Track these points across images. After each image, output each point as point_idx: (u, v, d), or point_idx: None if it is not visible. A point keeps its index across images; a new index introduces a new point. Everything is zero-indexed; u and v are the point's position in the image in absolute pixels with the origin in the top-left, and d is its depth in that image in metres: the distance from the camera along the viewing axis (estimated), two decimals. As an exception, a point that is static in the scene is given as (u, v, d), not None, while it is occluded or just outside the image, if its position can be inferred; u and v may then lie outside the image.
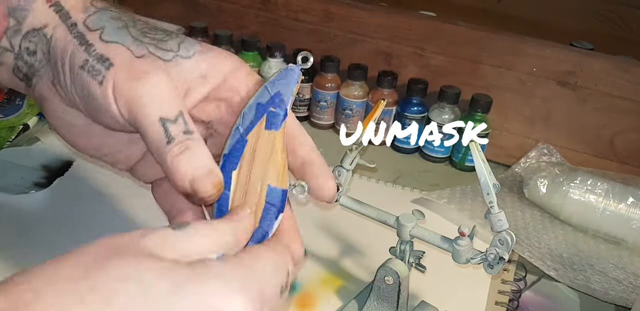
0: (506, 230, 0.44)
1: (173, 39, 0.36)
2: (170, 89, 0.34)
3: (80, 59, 0.34)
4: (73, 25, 0.35)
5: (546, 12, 1.03)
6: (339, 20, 0.84)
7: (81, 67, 0.34)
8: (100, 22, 0.36)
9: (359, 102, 0.83)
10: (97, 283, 0.24)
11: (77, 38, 0.35)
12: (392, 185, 0.75)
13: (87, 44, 0.35)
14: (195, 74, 0.36)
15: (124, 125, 0.35)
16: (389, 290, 0.50)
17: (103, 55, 0.34)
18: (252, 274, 0.28)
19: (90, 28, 0.35)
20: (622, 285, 0.61)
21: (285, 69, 0.36)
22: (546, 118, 0.78)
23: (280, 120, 0.35)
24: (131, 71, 0.33)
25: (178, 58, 0.35)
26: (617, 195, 0.68)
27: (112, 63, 0.34)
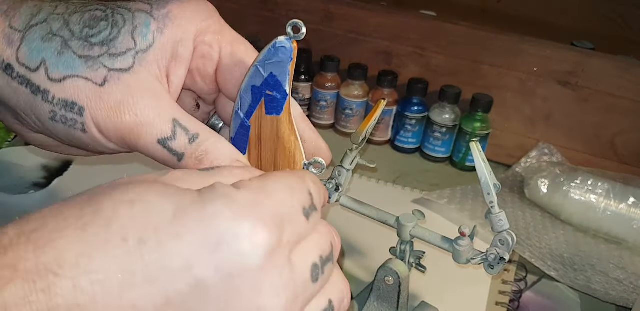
0: (507, 230, 0.44)
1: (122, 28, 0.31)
2: (152, 107, 0.31)
3: (44, 111, 0.31)
4: (8, 68, 0.31)
5: (547, 12, 1.02)
6: (339, 19, 0.84)
7: (52, 119, 0.31)
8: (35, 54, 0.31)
9: (359, 101, 0.82)
10: (101, 207, 0.23)
11: (23, 85, 0.31)
12: (392, 185, 0.75)
13: (40, 91, 0.31)
14: (165, 59, 0.32)
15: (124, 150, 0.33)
16: (389, 291, 0.50)
17: (67, 101, 0.31)
18: (264, 195, 0.25)
19: (31, 68, 0.31)
20: (623, 285, 0.61)
21: (274, 44, 0.31)
22: (547, 118, 0.78)
23: (280, 104, 0.32)
24: (105, 106, 0.30)
25: (140, 54, 0.31)
26: (618, 195, 0.68)
27: (82, 107, 0.30)
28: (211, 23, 0.34)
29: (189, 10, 0.33)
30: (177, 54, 0.33)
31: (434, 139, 0.80)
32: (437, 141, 0.80)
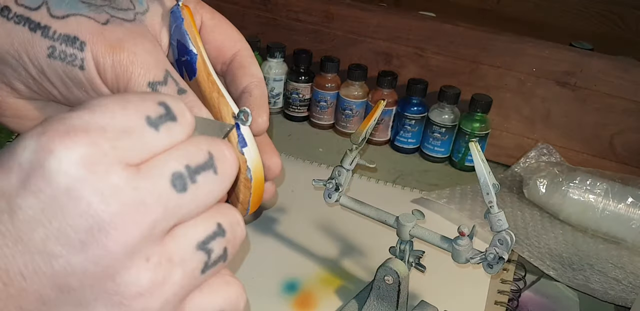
0: (506, 229, 0.44)
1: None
2: (150, 51, 0.31)
3: (42, 48, 0.30)
4: (4, 10, 0.31)
5: (546, 13, 1.03)
6: (339, 20, 0.85)
7: (49, 56, 0.31)
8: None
9: (359, 102, 0.83)
10: None
11: (21, 23, 0.30)
12: (392, 185, 0.75)
13: (40, 27, 0.30)
14: (158, 24, 0.33)
15: None
16: (389, 290, 0.50)
17: (69, 35, 0.30)
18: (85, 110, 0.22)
19: (30, 6, 0.31)
20: (622, 284, 0.61)
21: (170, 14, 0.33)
22: (546, 118, 0.78)
23: (192, 65, 0.33)
24: (106, 43, 0.31)
25: (139, 15, 0.33)
26: (617, 195, 0.68)
27: (83, 41, 0.30)
28: None
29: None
30: (165, 23, 0.34)
31: (433, 139, 0.80)
32: (437, 141, 0.80)
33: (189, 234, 0.23)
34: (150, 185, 0.21)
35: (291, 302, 0.55)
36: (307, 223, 0.66)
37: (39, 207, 0.20)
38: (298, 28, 0.88)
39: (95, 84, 0.31)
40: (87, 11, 0.31)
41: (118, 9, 0.32)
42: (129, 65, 0.31)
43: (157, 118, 0.22)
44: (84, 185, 0.20)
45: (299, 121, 0.88)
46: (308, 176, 0.59)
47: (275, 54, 0.84)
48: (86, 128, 0.21)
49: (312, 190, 0.65)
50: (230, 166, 0.24)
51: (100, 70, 0.31)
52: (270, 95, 0.87)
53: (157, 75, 0.31)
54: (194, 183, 0.22)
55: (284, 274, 0.58)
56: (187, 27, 0.33)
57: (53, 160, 0.20)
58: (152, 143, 0.22)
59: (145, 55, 0.31)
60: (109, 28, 0.31)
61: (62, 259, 0.20)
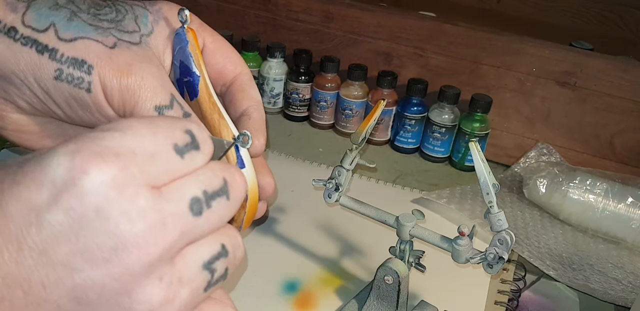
0: (505, 229, 0.44)
1: (125, 15, 0.33)
2: (156, 75, 0.32)
3: (49, 70, 0.31)
4: (11, 31, 0.31)
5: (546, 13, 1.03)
6: (339, 20, 0.85)
7: (56, 78, 0.31)
8: (44, 18, 0.31)
9: (359, 102, 0.83)
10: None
11: (28, 45, 0.31)
12: (392, 185, 0.75)
13: (48, 49, 0.31)
14: (161, 46, 0.34)
15: None
16: (389, 290, 0.50)
17: (77, 58, 0.31)
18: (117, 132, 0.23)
19: (37, 28, 0.31)
20: (622, 284, 0.61)
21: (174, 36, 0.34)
22: (546, 118, 0.78)
23: (194, 86, 0.33)
24: (114, 66, 0.31)
25: (144, 38, 0.33)
26: (617, 194, 0.68)
27: (91, 65, 0.31)
28: (193, 18, 0.36)
29: (174, 8, 0.35)
30: (168, 45, 0.34)
31: (433, 139, 0.80)
32: (437, 141, 0.80)
33: (197, 254, 0.24)
34: (171, 208, 0.23)
35: (291, 302, 0.55)
36: (307, 223, 0.66)
37: (67, 223, 0.21)
38: (298, 28, 0.88)
39: (102, 107, 0.32)
40: (94, 34, 0.31)
41: (124, 31, 0.32)
42: (136, 89, 0.31)
43: (183, 147, 0.24)
44: (113, 206, 0.21)
45: (298, 121, 0.88)
46: (308, 176, 0.59)
47: (275, 53, 0.84)
48: (118, 151, 0.22)
49: (312, 190, 0.65)
50: (240, 192, 0.25)
51: (108, 93, 0.31)
52: (270, 95, 0.87)
53: (164, 99, 0.32)
54: (209, 208, 0.24)
55: (284, 274, 0.58)
56: (191, 50, 0.33)
57: (87, 181, 0.21)
58: (175, 168, 0.24)
59: (152, 80, 0.32)
60: (117, 52, 0.31)
61: (84, 273, 0.21)
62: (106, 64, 0.31)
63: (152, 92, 0.31)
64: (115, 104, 0.32)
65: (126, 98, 0.31)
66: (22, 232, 0.21)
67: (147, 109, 0.31)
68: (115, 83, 0.31)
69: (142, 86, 0.31)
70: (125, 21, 0.33)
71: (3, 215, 0.21)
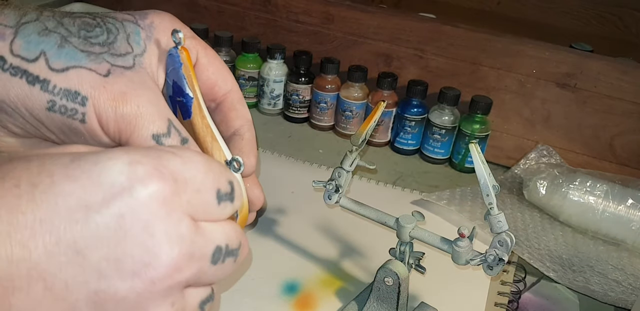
0: (506, 231, 0.44)
1: (117, 35, 0.32)
2: (152, 101, 0.31)
3: (41, 102, 0.30)
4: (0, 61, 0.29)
5: (546, 14, 1.03)
6: (339, 22, 0.85)
7: (49, 110, 0.30)
8: (33, 46, 0.30)
9: (359, 103, 0.83)
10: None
11: (18, 75, 0.29)
12: (391, 186, 0.75)
13: (39, 81, 0.30)
14: (155, 64, 0.33)
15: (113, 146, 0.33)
16: (389, 291, 0.50)
17: (69, 90, 0.30)
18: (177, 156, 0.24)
19: (27, 58, 0.30)
20: (622, 286, 0.61)
21: (167, 55, 0.33)
22: (546, 119, 0.78)
23: (188, 108, 0.33)
24: (109, 96, 0.30)
25: (137, 58, 0.32)
26: (617, 196, 0.68)
27: (85, 96, 0.30)
28: (185, 31, 0.35)
29: (166, 21, 0.35)
30: (162, 60, 0.34)
31: (433, 141, 0.80)
32: (437, 142, 0.80)
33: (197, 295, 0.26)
34: (202, 244, 0.24)
35: (291, 303, 0.55)
36: (307, 225, 0.66)
37: (113, 228, 0.22)
38: (298, 29, 0.88)
39: (97, 135, 0.32)
40: (86, 62, 0.30)
41: (117, 55, 0.32)
42: (132, 118, 0.31)
43: (223, 194, 0.26)
44: (160, 225, 0.23)
45: (299, 122, 0.88)
46: (308, 177, 0.59)
47: (275, 55, 0.84)
48: (176, 176, 0.23)
49: (312, 191, 0.65)
50: (244, 258, 0.28)
51: (103, 123, 0.31)
52: (270, 96, 0.87)
53: (161, 127, 0.31)
54: (222, 262, 0.26)
55: (284, 275, 0.58)
56: (184, 72, 0.33)
57: (144, 193, 0.22)
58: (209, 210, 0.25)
59: (149, 107, 0.31)
60: (111, 80, 0.31)
61: (111, 282, 0.22)
62: (100, 94, 0.30)
63: (148, 120, 0.31)
64: (111, 133, 0.31)
65: (122, 128, 0.31)
66: (65, 227, 0.22)
67: (144, 138, 0.31)
68: (111, 113, 0.30)
69: (138, 115, 0.31)
70: (117, 43, 0.32)
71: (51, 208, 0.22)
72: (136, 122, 0.31)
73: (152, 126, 0.31)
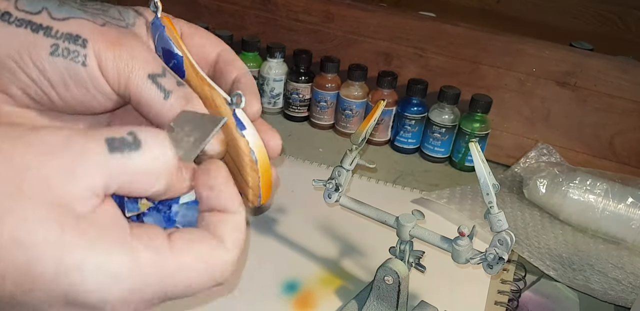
0: (505, 230, 0.44)
1: (110, 8, 0.35)
2: (146, 49, 0.33)
3: (44, 47, 0.31)
4: (5, 15, 0.32)
5: (546, 13, 1.03)
6: (339, 20, 0.85)
7: (51, 54, 0.32)
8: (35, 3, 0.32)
9: (359, 102, 0.83)
10: None
11: (23, 26, 0.31)
12: (392, 185, 0.75)
13: (43, 28, 0.31)
14: (144, 36, 0.35)
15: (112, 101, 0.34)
16: (389, 290, 0.50)
17: (71, 33, 0.32)
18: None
19: (31, 11, 0.32)
20: (622, 284, 0.61)
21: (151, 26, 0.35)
22: (546, 118, 0.78)
23: (180, 67, 0.34)
24: (107, 39, 0.32)
25: (129, 26, 0.35)
26: (617, 195, 0.68)
27: (85, 39, 0.32)
28: (168, 15, 0.37)
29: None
30: (149, 36, 0.36)
31: (433, 139, 0.80)
32: (437, 141, 0.80)
33: None
34: None
35: (291, 302, 0.55)
36: (307, 224, 0.66)
37: None
38: (298, 28, 0.88)
39: (97, 80, 0.32)
40: (85, 15, 0.33)
41: (111, 17, 0.34)
42: (129, 59, 0.32)
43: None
44: None
45: (299, 121, 0.88)
46: (308, 176, 0.59)
47: (275, 54, 0.84)
48: None
49: (312, 190, 0.65)
50: None
51: (102, 65, 0.32)
52: (270, 95, 0.87)
53: (156, 68, 0.33)
54: None
55: (284, 274, 0.58)
56: (169, 34, 0.35)
57: None
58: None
59: (142, 51, 0.33)
60: (107, 28, 0.33)
61: None
62: (99, 37, 0.32)
63: (144, 61, 0.32)
64: (110, 76, 0.32)
65: (120, 69, 0.32)
66: None
67: (141, 77, 0.32)
68: (110, 55, 0.32)
69: (134, 56, 0.32)
70: (110, 12, 0.35)
71: None
72: (133, 62, 0.32)
73: (148, 66, 0.32)
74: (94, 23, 0.32)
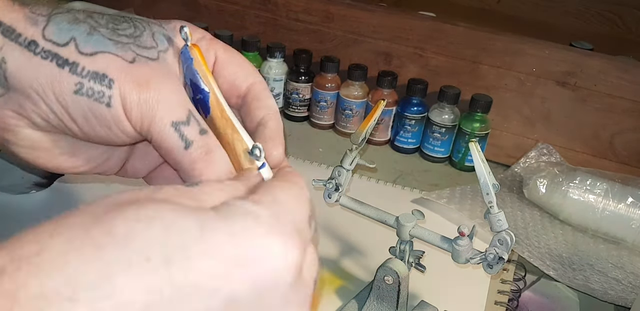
0: (505, 230, 0.44)
1: (143, 31, 0.33)
2: (174, 91, 0.32)
3: (69, 84, 0.30)
4: (32, 44, 0.30)
5: (546, 13, 1.03)
6: (339, 20, 0.85)
7: (76, 93, 0.31)
8: (64, 32, 0.31)
9: (359, 102, 0.83)
10: (113, 226, 0.21)
11: (49, 59, 0.30)
12: (392, 185, 0.75)
13: (68, 64, 0.30)
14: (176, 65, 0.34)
15: (133, 139, 0.33)
16: (389, 290, 0.50)
17: (97, 72, 0.31)
18: (280, 208, 0.25)
19: (58, 43, 0.31)
20: (622, 284, 0.61)
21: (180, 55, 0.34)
22: (546, 118, 0.78)
23: (206, 102, 0.33)
24: (134, 80, 0.31)
25: (162, 54, 0.33)
26: (617, 195, 0.68)
27: (112, 79, 0.31)
28: (205, 34, 0.36)
29: (190, 26, 0.35)
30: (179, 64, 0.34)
31: (433, 139, 0.80)
32: (437, 141, 0.80)
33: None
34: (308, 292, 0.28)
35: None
36: (307, 223, 0.66)
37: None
38: (298, 28, 0.88)
39: (120, 122, 0.32)
40: (114, 49, 0.31)
41: (142, 47, 0.33)
42: (154, 103, 0.31)
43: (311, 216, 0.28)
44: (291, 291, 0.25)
45: (299, 121, 0.88)
46: (308, 176, 0.59)
47: (275, 53, 0.84)
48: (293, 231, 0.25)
49: (312, 190, 0.64)
50: None
51: (127, 108, 0.31)
52: (270, 95, 0.87)
53: (181, 115, 0.32)
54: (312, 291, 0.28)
55: (284, 274, 0.58)
56: (197, 66, 0.33)
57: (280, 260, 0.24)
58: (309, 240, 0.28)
59: (170, 95, 0.32)
60: (136, 66, 0.31)
61: None
62: (126, 77, 0.31)
63: (169, 107, 0.31)
64: (133, 118, 0.32)
65: (144, 113, 0.31)
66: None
67: (164, 124, 0.31)
68: (135, 97, 0.31)
69: (159, 101, 0.31)
70: (143, 37, 0.33)
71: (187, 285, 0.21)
72: (157, 107, 0.31)
73: (172, 113, 0.31)
74: (122, 59, 0.31)
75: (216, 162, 0.31)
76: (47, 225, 0.21)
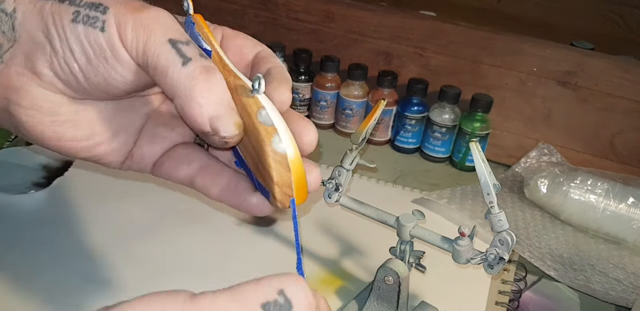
0: (506, 230, 0.44)
1: None
2: (171, 17, 0.32)
3: (67, 14, 0.31)
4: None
5: (546, 12, 1.03)
6: (339, 20, 0.84)
7: (72, 21, 0.31)
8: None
9: (359, 102, 0.83)
10: None
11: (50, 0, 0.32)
12: (392, 185, 0.75)
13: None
14: None
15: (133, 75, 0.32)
16: (389, 290, 0.50)
17: (94, 2, 0.32)
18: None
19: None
20: (623, 285, 0.61)
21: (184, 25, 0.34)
22: (546, 118, 0.78)
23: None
24: (128, 6, 0.31)
25: None
26: (618, 195, 0.68)
27: (106, 6, 0.31)
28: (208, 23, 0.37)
29: None
30: None
31: (433, 139, 0.80)
32: (437, 141, 0.80)
33: None
34: None
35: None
36: (307, 224, 0.66)
37: None
38: (298, 27, 0.88)
39: (115, 49, 0.31)
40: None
41: None
42: (150, 23, 0.31)
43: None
44: None
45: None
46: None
47: (275, 53, 0.84)
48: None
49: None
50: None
51: (121, 31, 0.31)
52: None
53: (180, 36, 0.31)
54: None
55: (284, 274, 0.58)
56: (198, 30, 0.34)
57: None
58: None
59: (167, 18, 0.32)
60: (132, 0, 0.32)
61: None
62: (121, 5, 0.32)
63: (165, 27, 0.31)
64: (128, 41, 0.31)
65: (139, 33, 0.31)
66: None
67: (160, 42, 0.31)
68: (129, 19, 0.31)
69: (157, 20, 0.31)
70: None
71: None
72: (153, 26, 0.31)
73: (169, 31, 0.31)
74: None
75: (217, 83, 0.30)
76: None
